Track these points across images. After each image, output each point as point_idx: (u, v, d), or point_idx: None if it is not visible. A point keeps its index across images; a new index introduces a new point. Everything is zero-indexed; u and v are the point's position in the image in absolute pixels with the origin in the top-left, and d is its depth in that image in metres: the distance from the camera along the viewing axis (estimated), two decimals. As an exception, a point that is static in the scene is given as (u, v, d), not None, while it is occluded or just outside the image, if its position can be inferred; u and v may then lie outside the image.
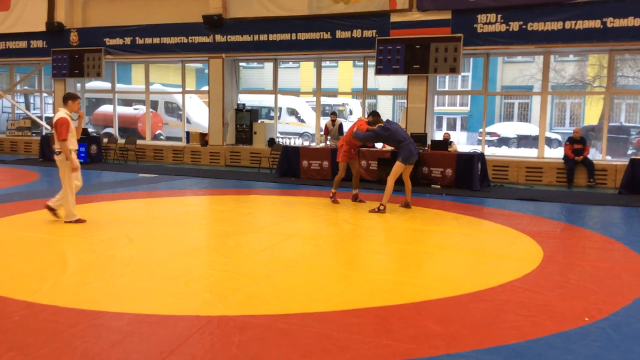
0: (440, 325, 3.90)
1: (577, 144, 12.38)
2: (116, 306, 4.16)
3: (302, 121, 23.73)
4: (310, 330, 3.76)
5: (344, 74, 29.31)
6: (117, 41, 16.80)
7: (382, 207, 8.55)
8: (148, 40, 16.42)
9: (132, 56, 16.87)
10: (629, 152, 18.76)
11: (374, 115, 9.18)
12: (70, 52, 17.29)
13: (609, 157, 14.55)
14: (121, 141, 16.93)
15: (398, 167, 8.67)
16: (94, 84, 21.30)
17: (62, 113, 7.26)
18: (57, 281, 4.77)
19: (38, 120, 19.86)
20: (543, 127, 14.02)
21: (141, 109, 21.69)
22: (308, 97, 24.15)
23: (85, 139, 15.68)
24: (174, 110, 22.78)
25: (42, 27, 17.45)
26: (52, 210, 7.31)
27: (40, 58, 18.08)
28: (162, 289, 4.65)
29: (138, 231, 6.87)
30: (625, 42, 11.87)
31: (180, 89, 18.35)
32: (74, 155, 7.30)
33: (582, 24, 11.99)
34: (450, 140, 12.63)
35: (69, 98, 7.38)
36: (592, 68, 25.56)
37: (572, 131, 13.08)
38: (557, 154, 14.88)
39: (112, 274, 4.98)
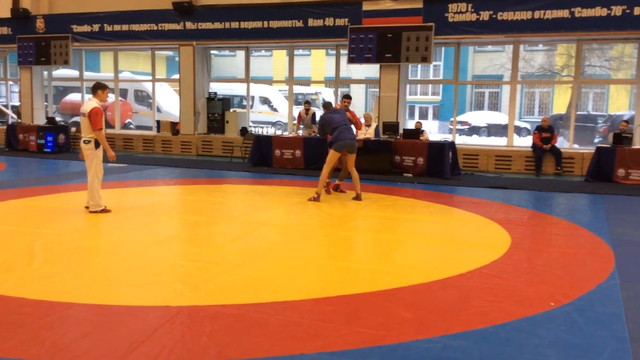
0: (409, 312, 3.95)
1: (545, 132, 12.58)
2: (85, 297, 4.12)
3: (275, 110, 23.63)
4: (282, 318, 3.77)
5: (317, 62, 29.21)
6: (85, 28, 16.45)
7: (316, 196, 8.56)
8: (117, 27, 16.11)
9: (100, 43, 16.55)
10: (596, 140, 19.14)
11: (325, 106, 9.28)
12: (36, 39, 16.87)
13: (576, 146, 14.82)
14: (90, 130, 16.62)
15: (331, 155, 8.74)
16: (61, 72, 20.83)
17: (95, 103, 7.25)
18: (24, 273, 4.69)
19: (4, 109, 19.39)
20: (512, 116, 14.21)
21: (110, 98, 21.34)
22: (281, 86, 24.05)
23: (53, 128, 15.41)
24: (144, 98, 22.45)
25: (7, 14, 16.95)
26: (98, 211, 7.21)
27: (6, 45, 17.60)
28: (132, 279, 4.61)
29: (107, 222, 6.79)
30: (593, 31, 12.07)
31: (150, 77, 18.08)
32: (92, 144, 7.32)
33: (550, 14, 12.16)
34: (422, 129, 12.72)
35: (98, 87, 7.33)
36: (560, 58, 25.96)
37: (540, 120, 13.29)
38: (526, 142, 15.10)
39: (80, 265, 4.92)
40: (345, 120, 8.89)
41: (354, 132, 9.07)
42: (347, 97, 10.24)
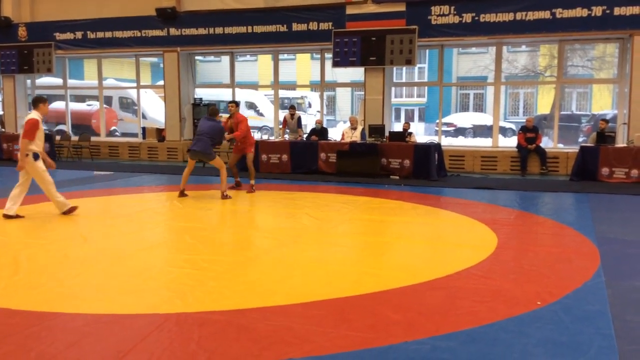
0: (398, 314, 3.96)
1: (530, 132, 12.69)
2: (71, 307, 4.09)
3: (261, 115, 23.59)
4: (270, 323, 3.77)
5: (302, 66, 29.25)
6: (68, 35, 16.35)
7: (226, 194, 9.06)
8: (100, 35, 16.04)
9: (84, 51, 16.45)
10: (580, 139, 19.32)
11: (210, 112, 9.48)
12: (18, 47, 16.74)
13: (560, 145, 14.96)
14: (74, 138, 16.52)
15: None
16: (44, 80, 20.64)
17: (35, 115, 7.27)
18: (10, 283, 4.65)
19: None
20: (497, 116, 14.31)
21: (95, 105, 21.18)
22: (266, 91, 24.01)
23: (37, 136, 15.25)
24: (129, 105, 22.31)
25: (-12, 22, 16.83)
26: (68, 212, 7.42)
27: (-13, 54, 17.46)
28: (119, 287, 4.58)
29: (93, 230, 6.74)
30: (574, 32, 12.22)
31: (134, 84, 18.00)
32: (30, 158, 7.20)
33: (532, 15, 12.29)
34: (410, 131, 12.77)
35: (40, 101, 7.41)
36: (543, 58, 26.19)
37: (525, 120, 13.40)
38: (511, 142, 15.21)
39: (67, 274, 4.88)
40: (206, 130, 9.05)
41: (207, 143, 9.06)
42: (231, 103, 10.09)
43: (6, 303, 4.15)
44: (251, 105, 23.67)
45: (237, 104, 10.23)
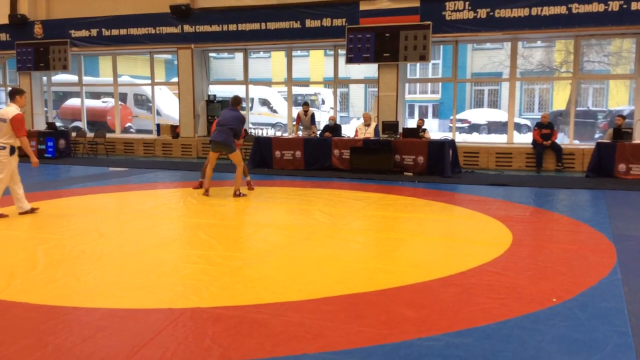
0: (411, 310, 3.95)
1: (545, 129, 12.58)
2: (87, 301, 4.13)
3: (275, 111, 23.65)
4: (284, 319, 3.78)
5: (316, 63, 29.21)
6: (83, 33, 16.48)
7: (239, 192, 8.90)
8: (115, 32, 16.15)
9: (99, 48, 16.58)
10: (596, 136, 19.13)
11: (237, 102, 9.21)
12: (35, 44, 16.91)
13: (576, 142, 14.82)
14: (90, 135, 16.66)
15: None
16: (60, 77, 20.86)
17: (15, 109, 7.24)
18: (27, 278, 4.70)
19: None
20: (512, 113, 14.21)
21: (110, 102, 21.36)
22: (280, 87, 24.05)
23: (54, 133, 15.42)
24: (143, 102, 22.47)
25: (5, 20, 17.00)
26: (26, 212, 7.33)
27: (4, 51, 17.65)
28: (134, 283, 4.62)
29: (108, 225, 6.79)
30: (591, 27, 12.08)
31: (149, 81, 18.11)
32: (6, 151, 7.17)
33: (548, 10, 12.17)
34: (424, 127, 12.72)
35: (16, 93, 7.37)
36: (559, 54, 25.93)
37: (540, 116, 13.29)
38: (526, 139, 15.10)
39: (83, 269, 4.93)
40: (228, 120, 8.84)
41: (229, 134, 8.84)
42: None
43: (24, 297, 4.20)
44: (265, 102, 23.73)
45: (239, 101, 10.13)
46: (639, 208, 8.33)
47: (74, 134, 16.52)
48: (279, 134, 15.03)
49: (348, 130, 15.61)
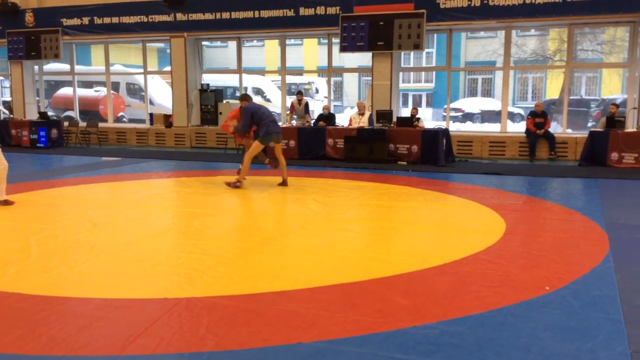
0: (406, 299, 3.97)
1: (539, 117, 12.60)
2: (81, 291, 4.12)
3: (268, 100, 23.52)
4: (279, 308, 3.79)
5: (309, 52, 29.10)
6: (75, 21, 16.33)
7: (238, 183, 8.66)
8: (107, 20, 16.01)
9: (91, 36, 16.44)
10: (589, 124, 19.18)
11: (243, 98, 9.17)
12: (26, 33, 16.75)
13: (569, 130, 14.87)
14: (82, 124, 16.55)
15: (256, 145, 8.81)
16: (52, 66, 20.69)
17: None
18: (21, 268, 4.69)
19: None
20: (505, 101, 14.22)
21: (102, 91, 21.22)
22: (273, 76, 23.94)
23: (46, 122, 15.32)
24: (136, 91, 22.34)
25: (-5, 8, 16.85)
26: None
27: (-5, 40, 17.50)
28: (128, 272, 4.61)
29: (102, 215, 6.77)
30: (584, 15, 12.07)
31: (141, 70, 17.99)
32: None
33: (542, -1, 12.15)
34: (418, 116, 12.71)
35: None
36: (552, 42, 25.93)
37: (533, 105, 13.30)
38: (520, 128, 15.13)
39: (77, 259, 4.92)
40: (267, 113, 8.91)
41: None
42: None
43: (17, 288, 4.19)
44: (258, 91, 23.62)
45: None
46: (632, 196, 8.39)
47: (66, 124, 16.41)
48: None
49: (342, 119, 15.59)
